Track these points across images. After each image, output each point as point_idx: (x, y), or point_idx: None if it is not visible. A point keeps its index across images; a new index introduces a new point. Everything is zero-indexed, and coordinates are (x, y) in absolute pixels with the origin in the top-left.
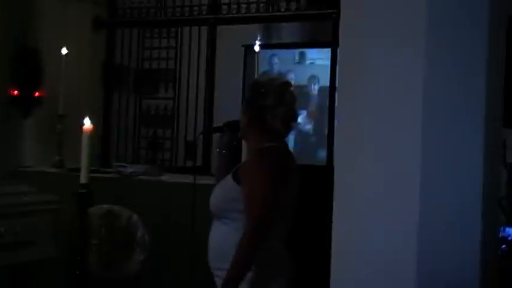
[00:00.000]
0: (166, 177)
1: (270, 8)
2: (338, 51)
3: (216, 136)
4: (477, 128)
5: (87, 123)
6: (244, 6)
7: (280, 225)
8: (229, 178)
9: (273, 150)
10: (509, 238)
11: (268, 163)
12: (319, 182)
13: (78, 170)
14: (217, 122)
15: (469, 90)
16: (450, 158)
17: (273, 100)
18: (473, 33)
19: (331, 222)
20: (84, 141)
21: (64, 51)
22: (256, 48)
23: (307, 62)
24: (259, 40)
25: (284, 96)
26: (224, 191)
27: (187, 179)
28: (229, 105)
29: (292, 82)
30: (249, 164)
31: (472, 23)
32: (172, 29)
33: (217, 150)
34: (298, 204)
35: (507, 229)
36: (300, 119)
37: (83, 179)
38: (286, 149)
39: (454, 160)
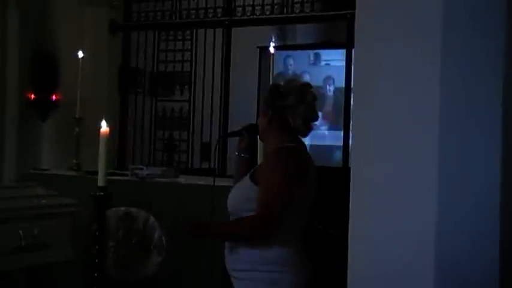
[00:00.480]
0: (182, 179)
1: (285, 9)
2: (353, 52)
3: (233, 139)
4: (495, 125)
5: (104, 126)
6: (258, 8)
7: (297, 226)
8: (246, 179)
9: (290, 150)
10: None
11: (284, 162)
12: (335, 183)
13: (95, 172)
14: (233, 123)
15: (487, 86)
16: (468, 154)
17: (294, 99)
18: (491, 33)
19: (348, 224)
20: (101, 144)
21: (80, 54)
22: (271, 49)
23: (322, 63)
24: (274, 41)
25: (305, 96)
26: (242, 192)
27: (204, 180)
28: (244, 107)
29: None
30: (266, 163)
31: (490, 22)
32: (188, 32)
33: (236, 154)
34: (315, 206)
35: None
36: None
37: (100, 182)
38: (304, 150)
39: (472, 156)
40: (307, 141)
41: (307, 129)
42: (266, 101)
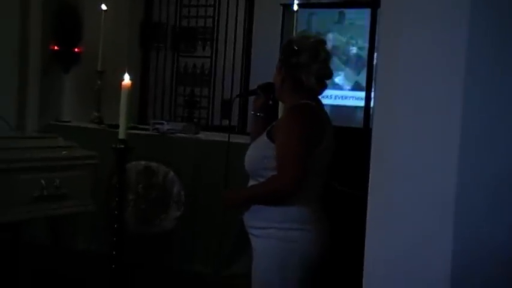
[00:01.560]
0: (202, 135)
1: None
2: (378, 11)
3: (252, 97)
4: None
5: (127, 79)
6: None
7: (315, 185)
8: (263, 136)
9: (305, 108)
10: None
11: (300, 120)
12: (356, 144)
13: (116, 126)
14: (254, 80)
15: None
16: (491, 125)
17: (307, 57)
18: None
19: (367, 184)
20: (123, 98)
21: (103, 7)
22: (295, 7)
23: (347, 22)
24: None
25: (319, 53)
26: (258, 149)
27: (224, 137)
28: (266, 64)
29: (331, 42)
30: (282, 121)
31: None
32: None
33: (252, 113)
34: (334, 166)
35: None
36: (338, 80)
37: (121, 135)
38: (320, 107)
39: (495, 130)
40: (327, 100)
41: (320, 87)
42: (280, 59)
